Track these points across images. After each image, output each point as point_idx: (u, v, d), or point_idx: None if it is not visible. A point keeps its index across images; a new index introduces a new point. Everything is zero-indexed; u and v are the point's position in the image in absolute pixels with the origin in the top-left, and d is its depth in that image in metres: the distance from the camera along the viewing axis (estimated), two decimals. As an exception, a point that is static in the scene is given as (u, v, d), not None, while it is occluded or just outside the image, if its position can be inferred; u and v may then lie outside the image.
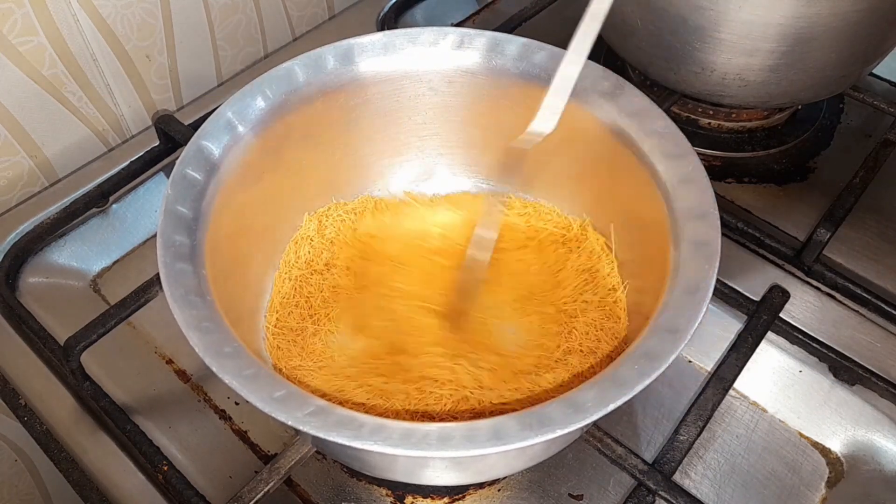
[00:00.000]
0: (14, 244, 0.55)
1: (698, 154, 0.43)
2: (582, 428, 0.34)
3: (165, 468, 0.43)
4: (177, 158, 0.43)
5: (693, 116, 0.63)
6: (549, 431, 0.32)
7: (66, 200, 0.57)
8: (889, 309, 0.50)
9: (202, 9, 0.63)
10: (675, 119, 0.49)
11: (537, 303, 0.49)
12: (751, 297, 0.49)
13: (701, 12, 0.51)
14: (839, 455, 0.48)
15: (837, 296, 0.52)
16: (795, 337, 0.50)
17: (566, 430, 0.32)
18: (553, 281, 0.49)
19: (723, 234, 0.40)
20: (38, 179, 0.60)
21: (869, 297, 0.51)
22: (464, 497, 0.45)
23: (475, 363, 0.46)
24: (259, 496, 0.40)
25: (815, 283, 0.53)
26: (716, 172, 0.61)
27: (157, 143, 0.60)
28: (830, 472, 0.47)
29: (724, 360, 0.45)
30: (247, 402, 0.33)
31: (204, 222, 0.41)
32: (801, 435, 0.49)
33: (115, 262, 0.58)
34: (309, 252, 0.50)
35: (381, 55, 0.49)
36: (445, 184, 0.55)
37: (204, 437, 0.48)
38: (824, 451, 0.48)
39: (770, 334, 0.49)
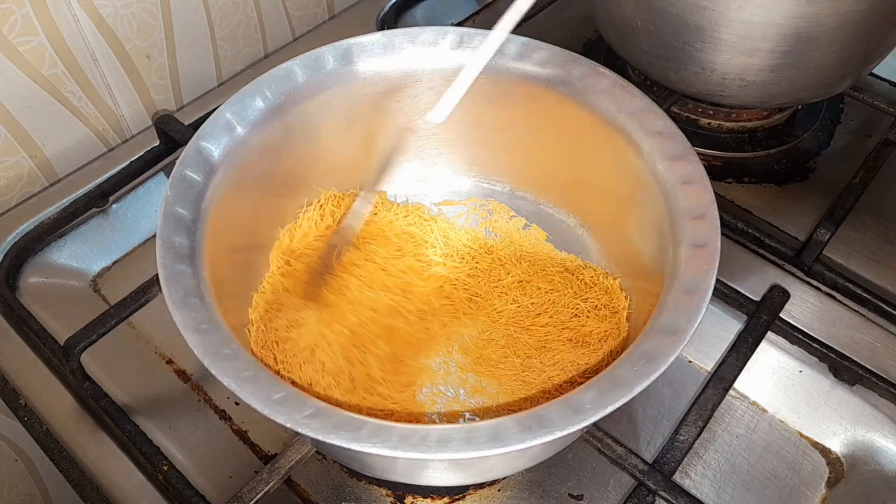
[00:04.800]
0: (14, 244, 0.55)
1: (698, 154, 0.43)
2: (581, 429, 0.34)
3: (165, 468, 0.43)
4: (177, 158, 0.43)
5: (693, 116, 0.63)
6: (548, 433, 0.32)
7: (66, 200, 0.57)
8: (889, 309, 0.50)
9: (202, 9, 0.63)
10: (675, 119, 0.49)
11: (535, 310, 0.49)
12: (751, 297, 0.49)
13: (701, 12, 0.51)
14: (839, 455, 0.48)
15: (837, 296, 0.52)
16: (795, 337, 0.50)
17: (565, 432, 0.32)
18: (550, 287, 0.50)
19: (723, 234, 0.40)
20: (38, 179, 0.60)
21: (869, 297, 0.51)
22: (464, 497, 0.45)
23: (474, 366, 0.46)
24: (259, 496, 0.40)
25: (815, 283, 0.53)
26: (716, 172, 0.61)
27: (157, 143, 0.60)
28: (830, 472, 0.47)
29: (724, 360, 0.45)
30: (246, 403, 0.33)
31: (203, 223, 0.41)
32: (801, 435, 0.49)
33: (115, 262, 0.58)
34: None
35: (381, 55, 0.49)
36: (445, 183, 0.56)
37: (204, 437, 0.48)
38: (824, 451, 0.48)
39: (770, 334, 0.49)
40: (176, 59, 0.63)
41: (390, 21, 0.71)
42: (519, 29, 0.67)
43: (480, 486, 0.46)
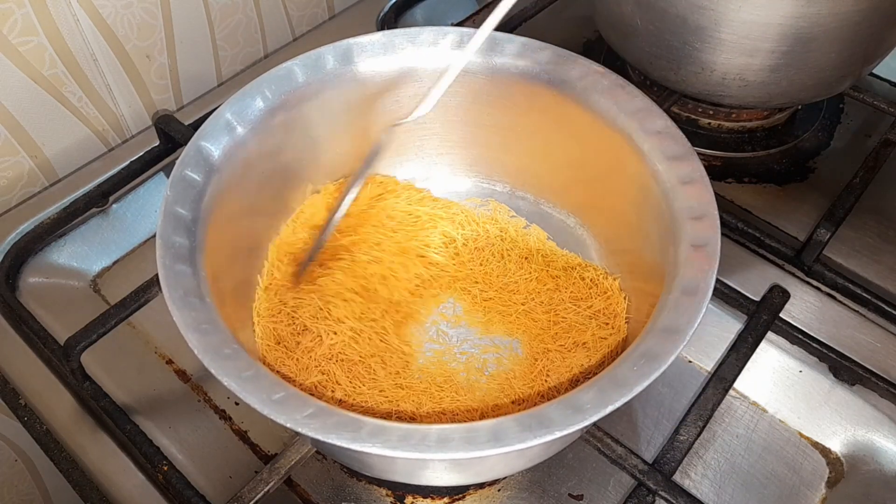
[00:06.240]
0: (14, 244, 0.55)
1: (698, 154, 0.43)
2: (582, 429, 0.34)
3: (165, 468, 0.43)
4: (177, 158, 0.43)
5: (693, 116, 0.63)
6: (549, 433, 0.32)
7: (66, 200, 0.57)
8: (889, 309, 0.50)
9: (202, 9, 0.63)
10: (675, 119, 0.49)
11: (536, 308, 0.49)
12: (751, 297, 0.49)
13: (701, 12, 0.51)
14: (839, 455, 0.48)
15: (837, 296, 0.52)
16: (795, 337, 0.50)
17: (565, 432, 0.32)
18: (551, 286, 0.50)
19: (723, 234, 0.40)
20: (38, 179, 0.60)
21: (869, 297, 0.51)
22: (464, 497, 0.45)
23: (473, 362, 0.46)
24: (259, 496, 0.40)
25: (815, 283, 0.53)
26: (716, 172, 0.61)
27: (157, 143, 0.60)
28: (830, 472, 0.47)
29: (724, 360, 0.45)
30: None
31: (203, 223, 0.41)
32: (801, 435, 0.49)
33: (115, 262, 0.58)
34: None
35: (381, 55, 0.49)
36: (445, 183, 0.56)
37: (204, 437, 0.48)
38: (824, 451, 0.48)
39: (770, 334, 0.49)
40: (176, 59, 0.63)
41: (390, 21, 0.71)
42: (519, 29, 0.67)
43: (480, 486, 0.46)
